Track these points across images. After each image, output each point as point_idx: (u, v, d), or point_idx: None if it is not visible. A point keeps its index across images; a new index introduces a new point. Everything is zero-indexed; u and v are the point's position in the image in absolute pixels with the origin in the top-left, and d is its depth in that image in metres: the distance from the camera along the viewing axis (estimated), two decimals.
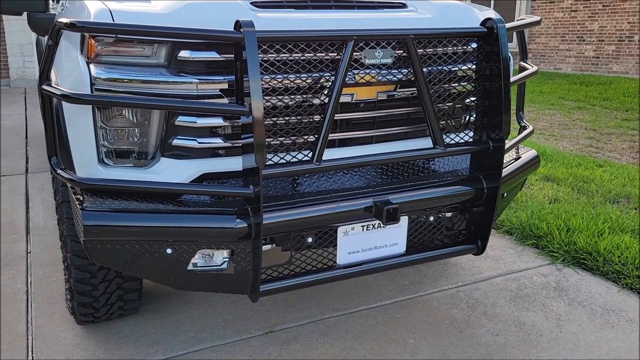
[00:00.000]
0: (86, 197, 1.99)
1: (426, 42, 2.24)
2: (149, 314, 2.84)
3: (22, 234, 3.83)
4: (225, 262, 2.09)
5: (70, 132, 2.11)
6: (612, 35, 12.63)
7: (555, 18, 13.86)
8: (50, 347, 2.58)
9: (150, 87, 1.95)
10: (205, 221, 2.00)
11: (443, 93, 2.32)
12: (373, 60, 2.14)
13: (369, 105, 2.27)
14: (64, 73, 2.12)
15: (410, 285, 3.17)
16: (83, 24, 1.84)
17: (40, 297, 3.00)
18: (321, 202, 2.14)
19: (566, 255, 3.50)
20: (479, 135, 2.39)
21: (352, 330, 2.73)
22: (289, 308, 2.91)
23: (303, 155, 2.11)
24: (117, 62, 1.96)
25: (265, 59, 1.99)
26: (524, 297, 3.06)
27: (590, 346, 2.63)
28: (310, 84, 2.09)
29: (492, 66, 2.28)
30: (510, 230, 3.89)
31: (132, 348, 2.57)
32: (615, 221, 3.85)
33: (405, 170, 2.45)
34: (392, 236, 2.32)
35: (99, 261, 2.07)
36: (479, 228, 2.47)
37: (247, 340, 2.64)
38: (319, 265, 2.24)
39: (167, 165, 2.06)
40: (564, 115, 8.28)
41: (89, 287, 2.49)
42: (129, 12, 2.01)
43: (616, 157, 5.93)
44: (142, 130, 2.04)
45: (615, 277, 3.24)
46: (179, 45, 1.96)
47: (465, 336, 2.70)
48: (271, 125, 2.06)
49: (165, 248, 2.01)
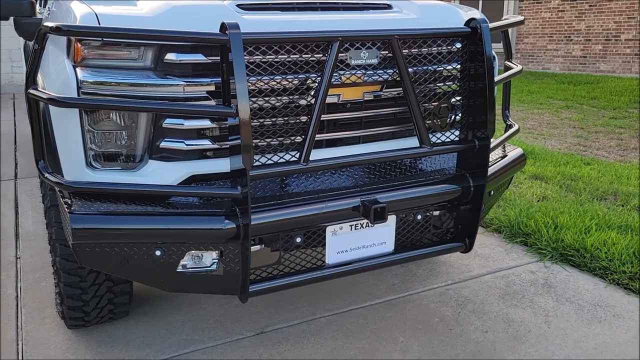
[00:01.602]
0: (74, 201, 2.00)
1: (411, 43, 2.27)
2: (140, 317, 2.84)
3: (12, 240, 3.82)
4: (214, 263, 2.10)
5: (58, 136, 2.11)
6: (599, 35, 12.75)
7: (543, 18, 13.97)
8: (41, 351, 2.58)
9: (137, 89, 1.95)
10: (193, 223, 2.01)
11: (428, 93, 2.34)
12: (359, 61, 2.17)
13: (356, 106, 2.29)
14: (51, 77, 2.12)
15: (400, 284, 3.19)
16: (69, 27, 1.85)
17: (30, 302, 2.99)
18: (309, 202, 2.15)
19: (554, 252, 3.53)
20: (465, 134, 2.42)
21: (342, 329, 2.75)
22: (279, 309, 2.92)
23: (290, 156, 2.12)
24: (104, 65, 1.96)
25: (251, 60, 2.01)
26: (513, 294, 3.09)
27: (577, 341, 2.66)
28: (297, 85, 2.10)
29: (477, 66, 2.31)
30: (499, 228, 3.92)
31: (123, 351, 2.57)
32: (603, 218, 3.90)
33: (392, 169, 2.47)
34: (380, 235, 2.34)
35: (88, 264, 2.08)
36: (467, 226, 2.50)
37: (238, 342, 2.65)
38: (308, 265, 2.26)
39: (155, 167, 2.07)
40: (552, 114, 8.35)
41: (78, 290, 2.49)
42: (114, 15, 2.02)
43: (604, 155, 5.99)
44: (129, 133, 2.04)
45: (603, 272, 3.28)
46: (165, 47, 1.97)
47: (455, 333, 2.72)
48: (258, 126, 2.07)
49: (155, 250, 2.01)
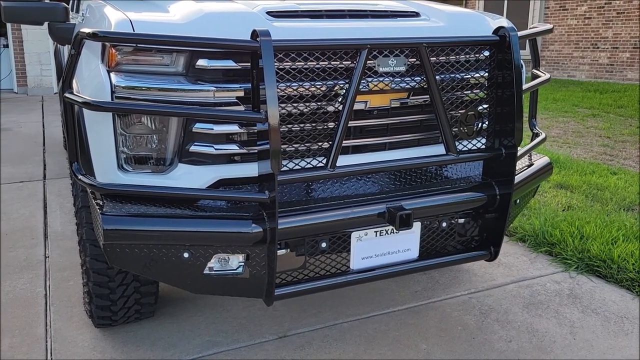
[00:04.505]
0: (106, 202, 2.04)
1: (439, 50, 2.28)
2: (165, 318, 2.89)
3: (41, 239, 3.91)
4: (240, 266, 2.12)
5: (91, 139, 2.16)
6: (626, 43, 12.57)
7: (569, 25, 13.82)
8: (69, 349, 2.63)
9: (169, 94, 2.00)
10: (221, 226, 2.04)
11: (455, 100, 2.35)
12: (386, 69, 2.18)
13: (383, 113, 2.30)
14: (85, 81, 2.17)
15: (422, 291, 3.18)
16: (105, 33, 1.89)
17: (58, 301, 3.05)
18: (335, 207, 2.17)
19: (580, 262, 3.49)
20: (492, 142, 2.41)
21: (365, 335, 2.75)
22: (302, 313, 2.94)
23: (317, 162, 2.14)
24: (137, 70, 2.01)
25: (281, 67, 2.04)
26: (537, 304, 3.06)
27: (604, 353, 2.63)
28: (325, 92, 2.12)
29: (505, 74, 2.31)
30: (524, 237, 3.89)
31: (148, 351, 2.61)
32: (630, 229, 3.84)
33: (418, 176, 2.47)
34: (405, 242, 2.34)
35: (117, 265, 2.12)
36: (492, 234, 2.49)
37: (261, 345, 2.67)
38: (333, 270, 2.27)
39: (185, 171, 2.11)
40: (577, 122, 8.25)
41: (107, 290, 2.54)
42: (148, 22, 2.07)
43: (631, 165, 5.90)
44: (160, 136, 2.08)
45: (630, 284, 3.23)
46: (197, 54, 2.01)
47: (478, 342, 2.71)
48: (286, 132, 2.10)
49: (183, 252, 2.05)
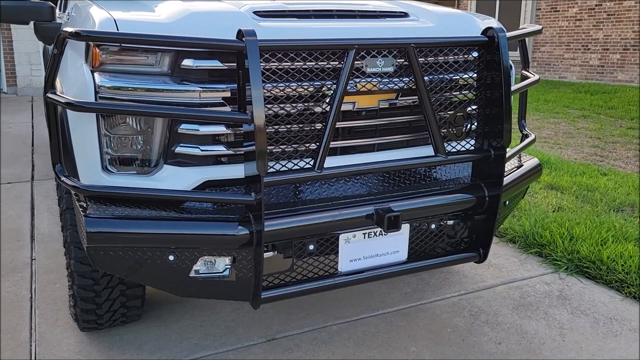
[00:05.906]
0: (90, 204, 2.01)
1: (427, 51, 2.26)
2: (152, 321, 2.85)
3: (27, 241, 3.86)
4: (227, 269, 2.10)
5: (75, 140, 2.13)
6: (617, 44, 12.63)
7: (560, 27, 13.88)
8: (53, 353, 2.59)
9: (154, 95, 1.97)
10: (207, 228, 2.01)
11: (444, 101, 2.33)
12: (374, 69, 2.16)
13: (371, 114, 2.28)
14: (69, 81, 2.14)
15: (412, 293, 3.17)
16: (88, 33, 1.86)
17: (44, 304, 3.01)
18: (323, 209, 2.15)
19: (569, 263, 3.49)
20: (481, 143, 2.40)
21: (354, 338, 2.73)
22: (291, 316, 2.91)
23: (305, 163, 2.12)
24: (121, 70, 1.98)
25: (267, 67, 2.01)
26: (527, 306, 3.05)
27: (593, 355, 2.62)
28: (312, 93, 2.10)
29: (493, 75, 2.30)
30: (514, 238, 3.88)
31: (135, 355, 2.58)
32: (619, 230, 3.84)
33: (406, 178, 2.45)
34: (393, 244, 2.32)
35: (102, 268, 2.08)
36: (481, 236, 2.47)
37: (249, 348, 2.65)
38: (321, 272, 2.25)
39: (170, 172, 2.08)
40: (568, 123, 8.28)
41: (92, 293, 2.50)
42: (133, 21, 2.04)
43: (621, 166, 5.92)
44: (145, 137, 2.06)
45: (619, 285, 3.23)
46: (182, 54, 1.98)
47: (468, 344, 2.70)
48: (273, 133, 2.08)
49: (168, 255, 2.02)
